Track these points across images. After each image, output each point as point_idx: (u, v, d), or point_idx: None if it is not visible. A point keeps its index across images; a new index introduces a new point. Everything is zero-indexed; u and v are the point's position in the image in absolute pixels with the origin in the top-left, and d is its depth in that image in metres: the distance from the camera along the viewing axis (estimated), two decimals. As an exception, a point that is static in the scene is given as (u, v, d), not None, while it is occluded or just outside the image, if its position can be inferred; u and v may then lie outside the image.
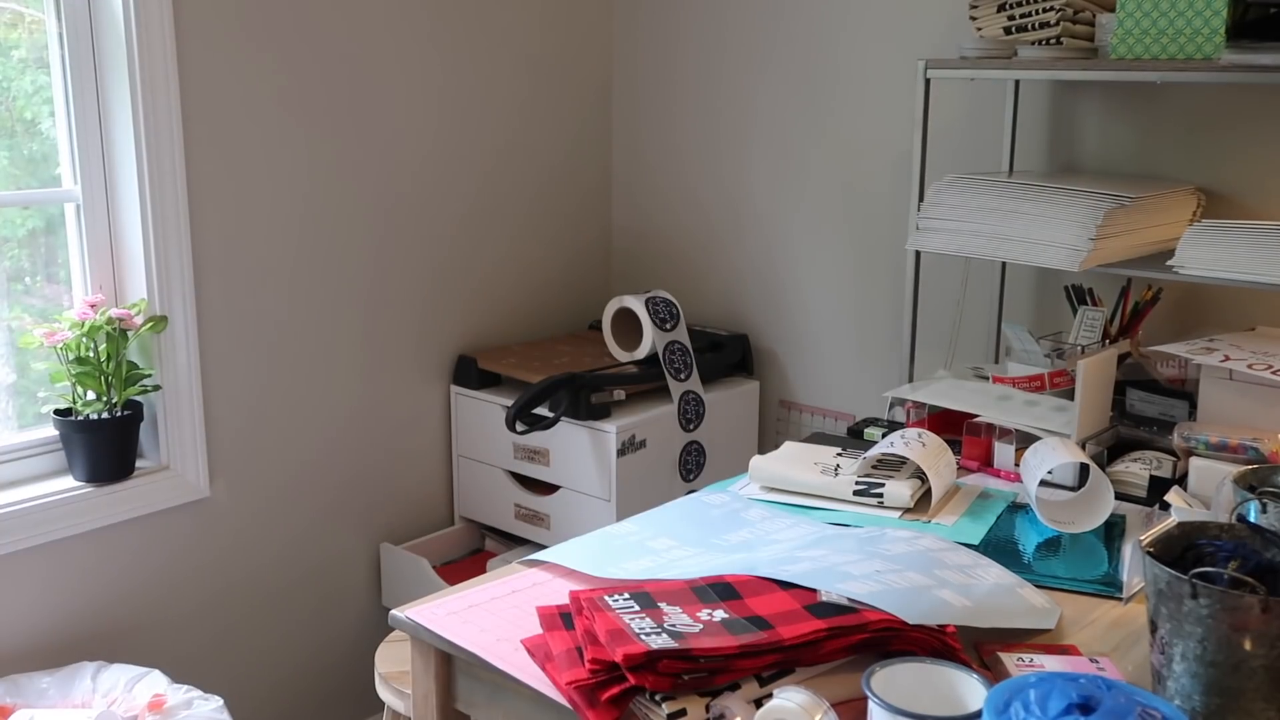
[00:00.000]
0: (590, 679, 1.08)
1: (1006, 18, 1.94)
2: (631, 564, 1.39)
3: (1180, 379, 1.87)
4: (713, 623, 1.12)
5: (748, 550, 1.42)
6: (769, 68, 2.53)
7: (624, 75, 2.78)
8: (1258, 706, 1.00)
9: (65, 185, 2.03)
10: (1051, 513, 1.56)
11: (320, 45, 2.23)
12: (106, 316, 1.96)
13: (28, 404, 2.08)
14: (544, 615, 1.22)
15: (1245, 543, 1.10)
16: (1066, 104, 2.15)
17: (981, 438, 1.80)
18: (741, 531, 1.51)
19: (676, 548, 1.45)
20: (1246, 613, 0.98)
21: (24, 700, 1.83)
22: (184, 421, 2.11)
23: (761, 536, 1.49)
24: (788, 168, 2.53)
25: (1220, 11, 1.67)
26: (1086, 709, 0.89)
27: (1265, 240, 1.64)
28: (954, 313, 2.27)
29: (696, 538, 1.48)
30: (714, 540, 1.47)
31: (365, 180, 2.35)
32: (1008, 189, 1.85)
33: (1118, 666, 1.17)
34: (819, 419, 2.58)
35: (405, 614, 1.29)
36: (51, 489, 1.98)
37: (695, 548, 1.44)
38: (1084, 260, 1.73)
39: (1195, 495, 1.57)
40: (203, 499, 2.17)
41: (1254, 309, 1.92)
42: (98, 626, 2.06)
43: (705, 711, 1.03)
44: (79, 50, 1.98)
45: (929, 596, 1.22)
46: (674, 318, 2.43)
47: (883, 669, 1.00)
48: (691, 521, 1.54)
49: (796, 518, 1.57)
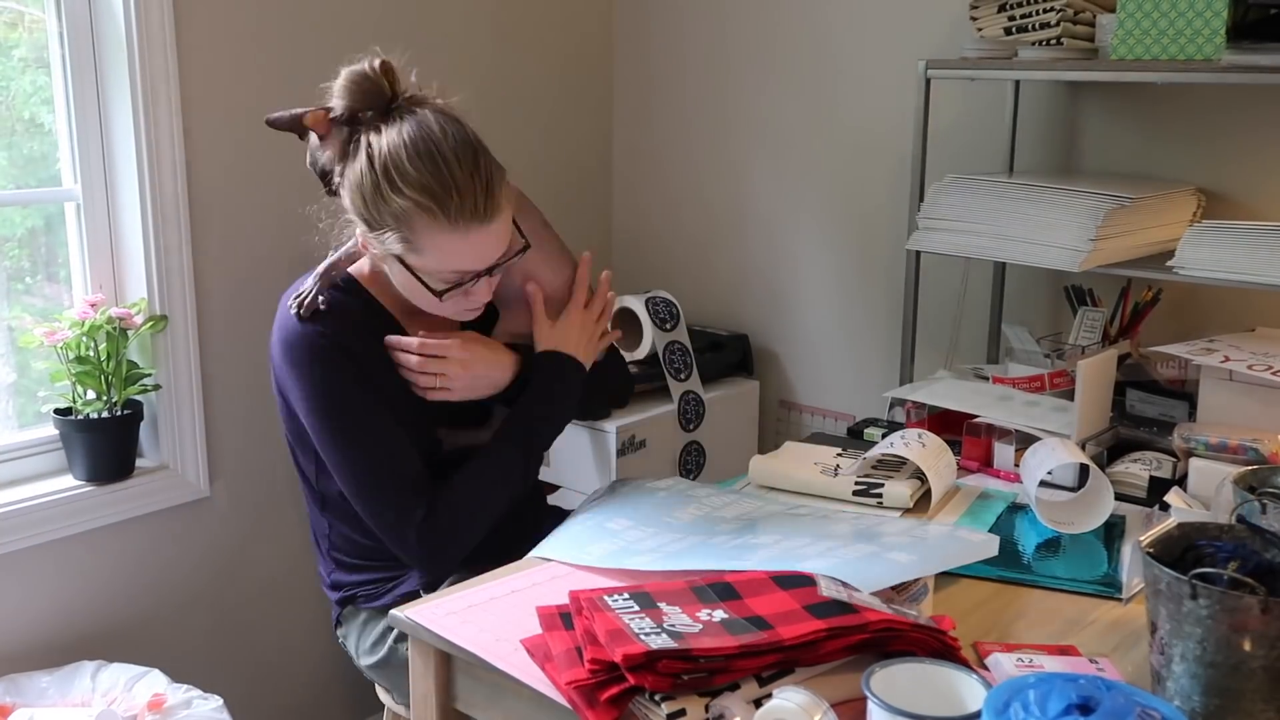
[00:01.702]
0: (590, 679, 1.08)
1: (1007, 18, 1.94)
2: (594, 548, 1.42)
3: (1180, 380, 1.87)
4: (712, 623, 1.12)
5: (705, 531, 1.45)
6: (770, 68, 2.53)
7: (625, 75, 2.78)
8: (1257, 707, 1.00)
9: (65, 185, 2.03)
10: (1051, 513, 1.56)
11: (320, 45, 2.23)
12: (106, 316, 1.96)
13: (28, 403, 2.08)
14: (544, 615, 1.22)
15: (1245, 543, 1.11)
16: (1066, 104, 2.15)
17: (981, 438, 1.80)
18: (689, 508, 1.55)
19: (633, 528, 1.48)
20: (1246, 613, 0.98)
21: (24, 700, 1.83)
22: (184, 421, 2.11)
23: (709, 513, 1.53)
24: (788, 168, 2.53)
25: (1220, 12, 1.67)
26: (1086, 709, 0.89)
27: (1265, 240, 1.64)
28: (954, 313, 2.27)
29: (650, 515, 1.51)
30: (667, 519, 1.50)
31: (365, 180, 2.35)
32: (1008, 189, 1.85)
33: (1117, 667, 1.17)
34: (819, 419, 2.58)
35: (405, 614, 1.30)
36: (51, 488, 1.98)
37: (651, 527, 1.47)
38: (1084, 261, 1.73)
39: (1195, 496, 1.57)
40: (203, 499, 2.17)
41: (1254, 309, 1.92)
42: (97, 626, 2.06)
43: (705, 711, 1.03)
44: (79, 50, 1.98)
45: (881, 561, 1.27)
46: (674, 318, 2.43)
47: (883, 669, 1.00)
48: (643, 500, 1.58)
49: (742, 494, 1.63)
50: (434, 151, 1.43)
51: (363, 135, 1.47)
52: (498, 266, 1.53)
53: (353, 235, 1.57)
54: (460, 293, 1.52)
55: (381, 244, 1.48)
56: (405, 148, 1.43)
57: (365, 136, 1.47)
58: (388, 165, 1.43)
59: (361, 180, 1.46)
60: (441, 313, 1.57)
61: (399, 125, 1.45)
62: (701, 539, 1.42)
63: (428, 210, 1.43)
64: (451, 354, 1.56)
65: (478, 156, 1.47)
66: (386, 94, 1.48)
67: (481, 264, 1.51)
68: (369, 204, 1.46)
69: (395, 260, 1.50)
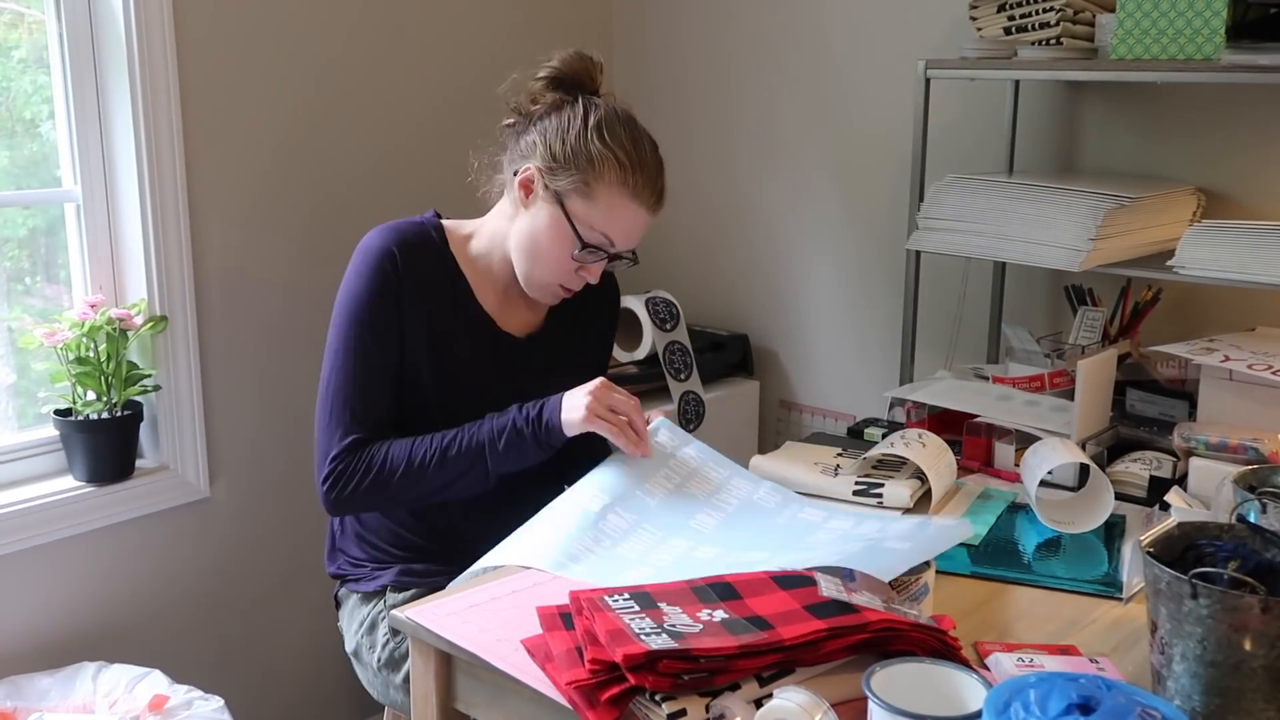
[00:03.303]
0: (590, 679, 1.08)
1: (1006, 18, 1.94)
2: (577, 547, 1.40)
3: (1180, 379, 1.87)
4: (713, 623, 1.12)
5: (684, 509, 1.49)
6: (769, 68, 2.53)
7: (624, 76, 2.78)
8: (1258, 706, 1.00)
9: (65, 185, 2.03)
10: (1051, 513, 1.56)
11: (321, 45, 2.23)
12: (106, 317, 1.96)
13: (28, 404, 2.08)
14: (544, 615, 1.22)
15: (1245, 543, 1.10)
16: (1066, 104, 2.15)
17: (981, 438, 1.80)
18: (661, 471, 1.55)
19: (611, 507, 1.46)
20: (1246, 613, 0.98)
21: (25, 701, 1.83)
22: (184, 421, 2.11)
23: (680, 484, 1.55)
24: (788, 167, 2.53)
25: (1220, 11, 1.67)
26: (1086, 709, 0.89)
27: (1265, 240, 1.64)
28: (954, 313, 2.27)
29: (624, 489, 1.50)
30: (637, 491, 1.50)
31: (366, 180, 2.35)
32: (1008, 189, 1.85)
33: (1118, 666, 1.17)
34: (819, 419, 2.58)
35: (405, 614, 1.30)
36: (51, 489, 1.98)
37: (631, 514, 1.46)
38: (1084, 260, 1.73)
39: (1195, 495, 1.57)
40: (203, 499, 2.17)
41: (1254, 309, 1.92)
42: (98, 627, 2.06)
43: (705, 711, 1.03)
44: (79, 50, 1.98)
45: (882, 551, 1.30)
46: (674, 318, 2.43)
47: (883, 669, 1.00)
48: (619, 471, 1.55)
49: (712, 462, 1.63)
50: (638, 135, 1.61)
51: (580, 99, 1.62)
52: (622, 258, 1.64)
53: (493, 187, 1.69)
54: (586, 261, 1.61)
55: (553, 180, 1.58)
56: (619, 119, 1.61)
57: (584, 100, 1.62)
58: (601, 122, 1.58)
59: (570, 124, 1.59)
60: (549, 275, 1.62)
61: (613, 106, 1.63)
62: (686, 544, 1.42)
63: (622, 167, 1.57)
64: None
65: (662, 162, 1.65)
66: (596, 81, 1.67)
67: (627, 242, 1.62)
68: (567, 142, 1.57)
69: (554, 204, 1.58)
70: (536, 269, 1.62)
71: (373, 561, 1.72)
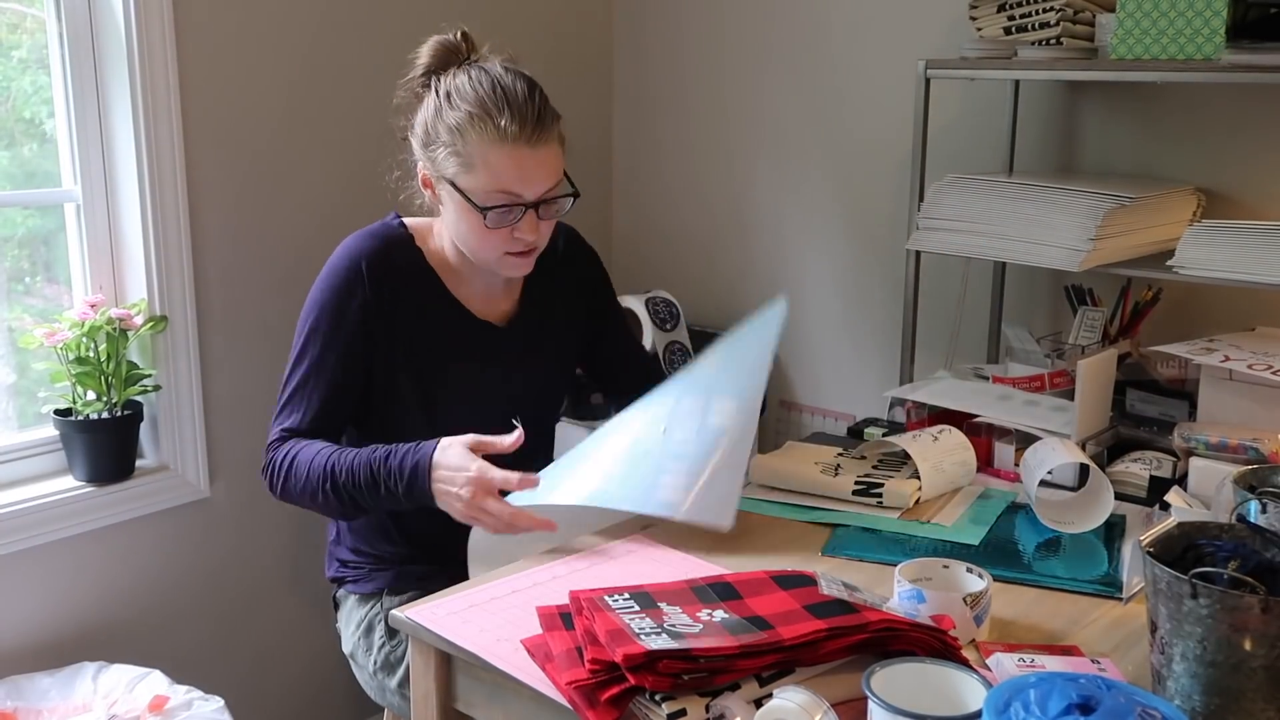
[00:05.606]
0: (590, 679, 1.08)
1: (1006, 18, 1.94)
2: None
3: (1180, 379, 1.87)
4: (713, 623, 1.12)
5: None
6: (769, 68, 2.52)
7: (625, 75, 2.78)
8: (1258, 706, 1.00)
9: (65, 185, 2.03)
10: (1051, 513, 1.56)
11: (321, 45, 2.23)
12: (106, 316, 1.96)
13: (28, 404, 2.08)
14: (544, 615, 1.22)
15: (1245, 543, 1.10)
16: (1066, 104, 2.15)
17: (981, 438, 1.80)
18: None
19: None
20: (1246, 613, 0.98)
21: (25, 701, 1.83)
22: (184, 421, 2.11)
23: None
24: (788, 167, 2.53)
25: (1220, 11, 1.67)
26: (1086, 709, 0.89)
27: (1265, 240, 1.64)
28: (954, 313, 2.27)
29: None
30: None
31: (366, 181, 2.35)
32: (1008, 189, 1.85)
33: (1118, 666, 1.17)
34: (819, 419, 2.58)
35: (405, 614, 1.30)
36: (51, 489, 1.98)
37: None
38: (1084, 260, 1.73)
39: (1195, 495, 1.57)
40: (203, 499, 2.17)
41: (1254, 309, 1.92)
42: (98, 627, 2.06)
43: (705, 711, 1.04)
44: (79, 51, 1.98)
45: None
46: (674, 318, 2.43)
47: (883, 669, 1.00)
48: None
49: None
50: (493, 79, 1.55)
51: (433, 81, 1.60)
52: (544, 203, 1.57)
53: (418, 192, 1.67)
54: (507, 223, 1.55)
55: (435, 166, 1.57)
56: (470, 79, 1.56)
57: (436, 81, 1.60)
58: (450, 91, 1.56)
59: (427, 108, 1.58)
60: (490, 252, 1.59)
61: (470, 66, 1.59)
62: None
63: (479, 120, 1.52)
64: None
65: (533, 88, 1.56)
66: (463, 56, 1.62)
67: (527, 189, 1.54)
68: (429, 125, 1.57)
69: (449, 187, 1.56)
70: (474, 251, 1.62)
71: (370, 563, 1.72)
